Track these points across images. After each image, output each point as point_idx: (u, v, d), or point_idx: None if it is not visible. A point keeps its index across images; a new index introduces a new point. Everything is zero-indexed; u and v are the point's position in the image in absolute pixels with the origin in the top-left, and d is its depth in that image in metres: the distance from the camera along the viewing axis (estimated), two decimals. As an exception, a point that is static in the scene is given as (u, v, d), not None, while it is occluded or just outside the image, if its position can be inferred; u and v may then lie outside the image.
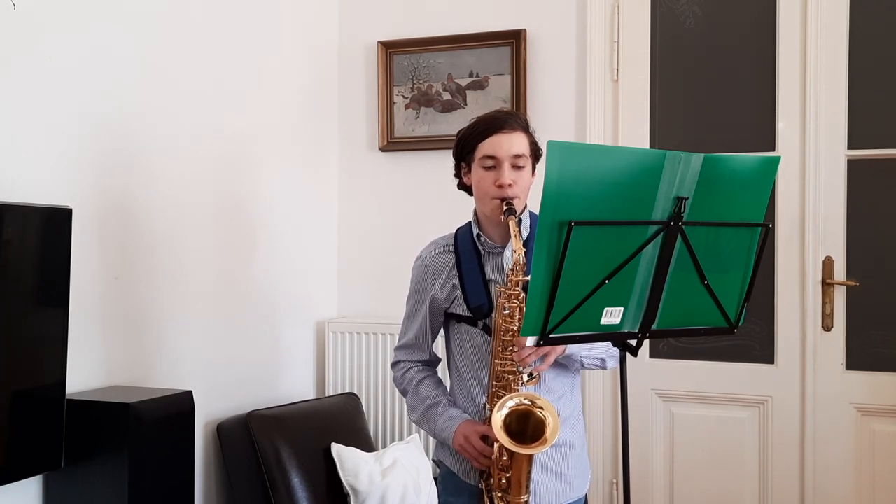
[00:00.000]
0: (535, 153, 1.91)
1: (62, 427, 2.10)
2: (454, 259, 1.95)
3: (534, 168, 1.91)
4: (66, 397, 2.12)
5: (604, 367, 1.95)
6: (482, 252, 1.93)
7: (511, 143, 1.85)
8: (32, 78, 2.18)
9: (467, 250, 1.94)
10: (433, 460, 2.07)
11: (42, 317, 2.07)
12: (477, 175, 1.89)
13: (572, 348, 1.84)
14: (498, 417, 1.69)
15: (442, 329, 2.05)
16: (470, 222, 1.98)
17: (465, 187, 1.98)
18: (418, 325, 2.02)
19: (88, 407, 2.20)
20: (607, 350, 1.91)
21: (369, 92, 3.52)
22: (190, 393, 2.38)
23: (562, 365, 1.90)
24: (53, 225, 2.07)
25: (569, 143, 1.43)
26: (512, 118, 1.89)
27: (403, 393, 2.06)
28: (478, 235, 1.93)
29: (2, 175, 2.08)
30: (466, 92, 3.36)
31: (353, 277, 3.55)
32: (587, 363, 1.91)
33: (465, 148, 1.92)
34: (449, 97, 3.38)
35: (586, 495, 2.00)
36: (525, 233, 1.88)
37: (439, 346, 2.10)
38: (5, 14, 2.09)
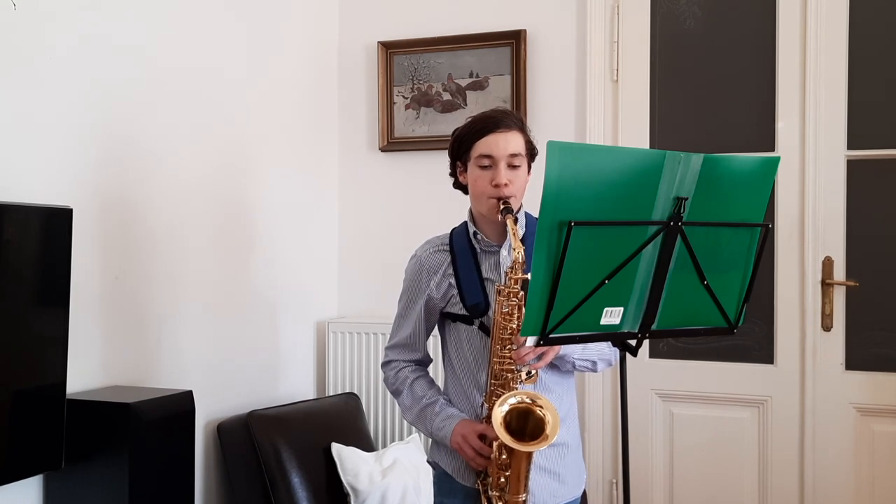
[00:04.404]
0: (531, 152, 1.92)
1: (63, 427, 2.11)
2: (450, 258, 1.95)
3: (529, 167, 1.92)
4: (67, 397, 2.13)
5: (594, 370, 1.95)
6: (478, 250, 1.93)
7: (507, 143, 1.85)
8: (33, 78, 2.18)
9: (463, 249, 1.94)
10: (428, 462, 2.06)
11: (42, 317, 2.08)
12: (473, 174, 1.89)
13: (566, 349, 1.84)
14: (499, 413, 1.69)
15: (437, 329, 2.04)
16: (465, 222, 1.98)
17: (460, 186, 1.98)
18: (412, 325, 2.00)
19: (89, 407, 2.20)
20: (599, 353, 1.91)
21: (369, 92, 3.52)
22: (190, 393, 2.39)
23: (554, 365, 1.90)
24: (53, 225, 2.07)
25: (568, 143, 1.43)
26: (508, 117, 1.89)
27: (396, 393, 2.04)
28: (474, 233, 1.94)
29: (2, 175, 2.09)
30: (466, 92, 3.36)
31: (353, 277, 3.56)
32: (579, 365, 1.91)
33: (461, 147, 1.91)
34: (449, 97, 3.39)
35: (583, 495, 2.00)
36: (521, 232, 1.88)
37: (432, 347, 2.09)
38: (5, 14, 2.09)
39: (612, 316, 1.55)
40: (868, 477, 2.93)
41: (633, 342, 1.63)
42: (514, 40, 3.28)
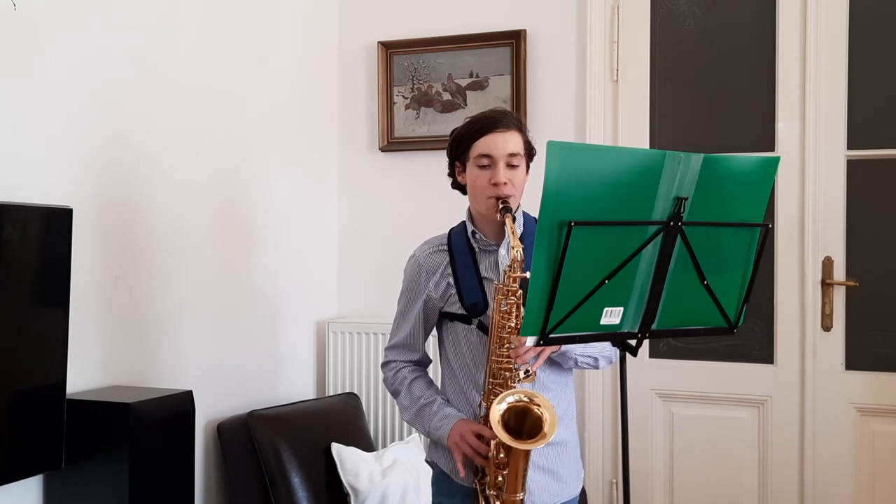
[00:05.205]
0: (529, 152, 1.92)
1: (63, 427, 2.11)
2: (448, 258, 1.95)
3: (528, 167, 1.92)
4: (67, 397, 2.13)
5: (596, 367, 1.95)
6: (477, 249, 1.94)
7: (506, 143, 1.85)
8: (33, 78, 2.18)
9: (462, 249, 1.94)
10: (426, 461, 2.07)
11: (42, 317, 2.08)
12: (472, 174, 1.89)
13: (567, 346, 1.84)
14: (496, 411, 1.70)
15: (435, 329, 2.04)
16: (463, 222, 1.98)
17: (458, 186, 1.98)
18: (411, 325, 2.01)
19: (89, 407, 2.20)
20: (600, 349, 1.91)
21: (369, 92, 3.53)
22: (190, 393, 2.39)
23: (556, 363, 1.91)
24: (53, 225, 2.07)
25: (569, 143, 1.44)
26: (506, 117, 1.90)
27: (395, 393, 2.04)
28: (472, 232, 1.94)
29: (2, 175, 2.09)
30: (466, 92, 3.36)
31: (353, 277, 3.56)
32: (580, 361, 1.91)
33: (459, 147, 1.92)
34: (449, 97, 3.39)
35: (582, 494, 2.00)
36: (519, 231, 1.88)
37: (431, 346, 2.10)
38: (5, 14, 2.09)
39: (612, 316, 1.55)
40: (868, 477, 2.93)
41: (633, 342, 1.63)
42: (514, 40, 3.28)
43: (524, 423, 1.73)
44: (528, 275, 1.70)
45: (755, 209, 1.61)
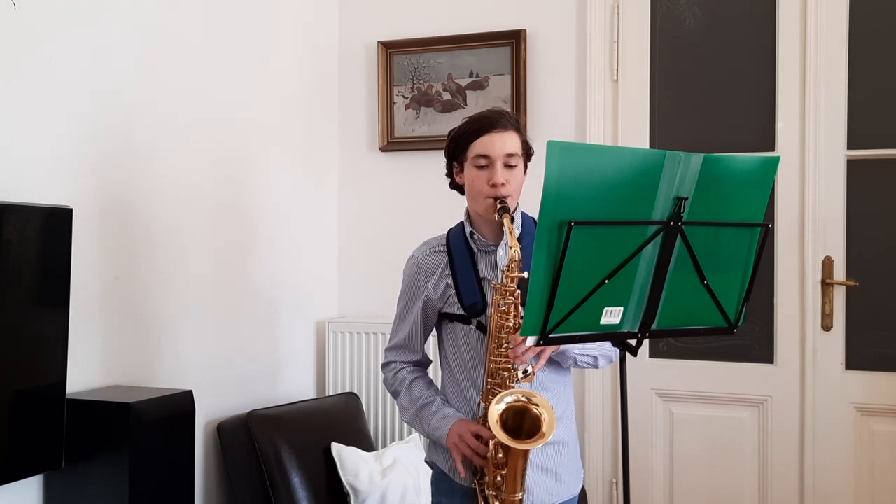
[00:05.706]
0: (527, 152, 1.92)
1: (62, 427, 2.11)
2: (447, 259, 1.95)
3: (525, 167, 1.92)
4: (67, 397, 2.13)
5: (595, 366, 1.95)
6: (475, 250, 1.94)
7: (503, 143, 1.85)
8: (33, 78, 2.18)
9: (460, 249, 1.94)
10: (426, 461, 2.07)
11: (42, 316, 2.08)
12: (470, 174, 1.89)
13: (566, 345, 1.84)
14: (495, 411, 1.70)
15: (434, 329, 2.04)
16: (462, 222, 1.98)
17: (457, 187, 1.98)
18: (410, 326, 2.01)
19: (89, 406, 2.21)
20: (600, 349, 1.91)
21: (369, 92, 3.53)
22: (190, 392, 2.39)
23: (555, 363, 1.91)
24: (53, 225, 2.07)
25: (568, 142, 1.43)
26: (504, 117, 1.89)
27: (395, 394, 2.04)
28: (471, 233, 1.94)
29: (2, 175, 2.09)
30: (466, 92, 3.36)
31: (353, 277, 3.56)
32: (580, 360, 1.91)
33: (457, 147, 1.92)
34: (449, 97, 3.39)
35: (582, 493, 2.00)
36: (517, 231, 1.88)
37: (431, 347, 2.10)
38: (5, 14, 2.09)
39: (612, 316, 1.55)
40: (868, 477, 2.93)
41: (633, 342, 1.63)
42: (514, 40, 3.28)
43: (523, 422, 1.73)
44: (525, 275, 1.70)
45: (755, 209, 1.61)
